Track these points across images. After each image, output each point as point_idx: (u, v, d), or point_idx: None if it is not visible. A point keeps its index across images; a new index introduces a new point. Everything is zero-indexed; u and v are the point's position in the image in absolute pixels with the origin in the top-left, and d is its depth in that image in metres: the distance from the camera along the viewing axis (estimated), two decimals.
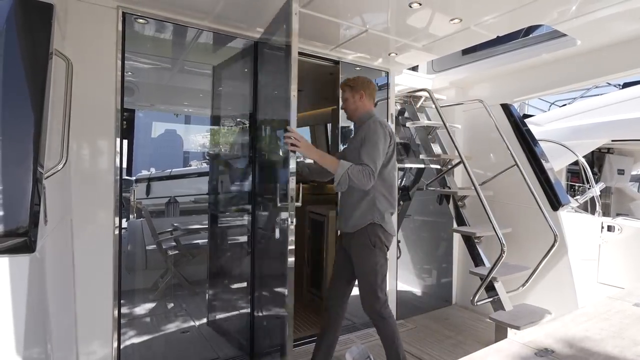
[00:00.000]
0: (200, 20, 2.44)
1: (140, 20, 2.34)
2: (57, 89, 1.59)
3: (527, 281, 3.07)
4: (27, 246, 1.14)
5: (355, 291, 2.35)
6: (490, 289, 2.99)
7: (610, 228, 4.21)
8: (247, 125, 2.83)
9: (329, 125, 5.82)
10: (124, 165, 2.26)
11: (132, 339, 3.03)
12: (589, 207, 4.83)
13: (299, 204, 2.00)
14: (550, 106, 7.11)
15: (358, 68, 3.25)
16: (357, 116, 2.35)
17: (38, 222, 1.18)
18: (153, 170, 5.11)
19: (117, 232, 2.18)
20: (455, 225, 3.53)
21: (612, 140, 5.06)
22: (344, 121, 3.27)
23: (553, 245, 2.94)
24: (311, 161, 2.34)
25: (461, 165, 3.17)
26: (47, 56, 1.34)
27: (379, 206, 2.20)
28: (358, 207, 2.23)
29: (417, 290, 4.39)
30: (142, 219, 4.10)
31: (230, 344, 2.93)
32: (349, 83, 2.34)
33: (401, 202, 3.86)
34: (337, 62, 3.10)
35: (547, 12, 2.34)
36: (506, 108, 3.61)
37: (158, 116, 5.41)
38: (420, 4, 2.19)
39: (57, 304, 1.69)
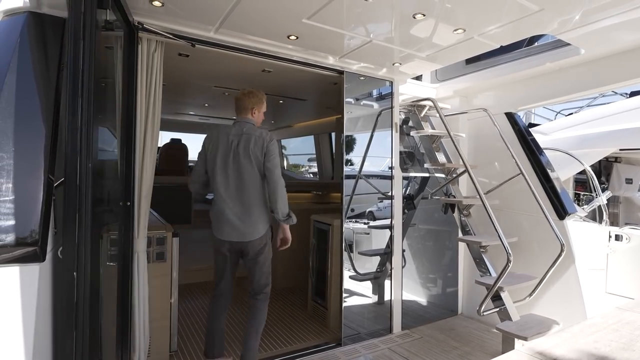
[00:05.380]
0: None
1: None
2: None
3: (534, 291, 3.03)
4: (37, 255, 1.16)
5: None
6: (497, 299, 2.96)
7: (618, 237, 4.16)
8: None
9: (333, 134, 5.86)
10: None
11: None
12: (597, 216, 4.78)
13: None
14: (556, 115, 7.09)
15: (362, 78, 3.28)
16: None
17: (48, 232, 1.20)
18: None
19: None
20: (460, 234, 3.51)
21: (620, 150, 5.02)
22: (348, 130, 3.28)
23: (560, 255, 2.90)
24: None
25: (466, 174, 3.16)
26: (58, 68, 1.37)
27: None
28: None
29: (422, 299, 4.35)
30: None
31: None
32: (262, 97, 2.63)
33: (406, 211, 3.85)
34: (341, 72, 3.12)
35: (550, 22, 2.35)
36: (510, 117, 3.61)
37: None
38: (423, 15, 2.21)
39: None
